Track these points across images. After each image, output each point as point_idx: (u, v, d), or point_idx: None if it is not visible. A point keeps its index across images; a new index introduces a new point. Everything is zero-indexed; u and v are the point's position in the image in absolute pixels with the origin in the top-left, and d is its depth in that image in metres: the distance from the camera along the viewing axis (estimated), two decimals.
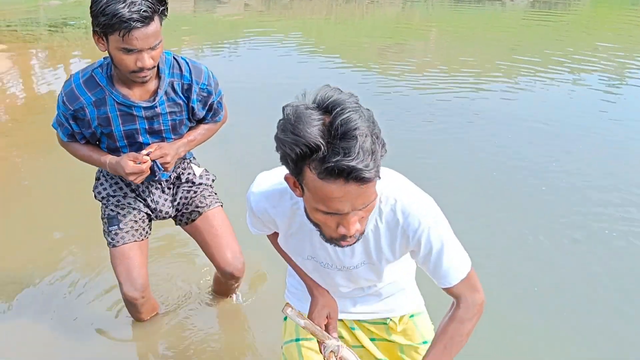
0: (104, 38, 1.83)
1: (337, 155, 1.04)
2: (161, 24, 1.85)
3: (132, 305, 2.35)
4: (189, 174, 2.31)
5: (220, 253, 2.33)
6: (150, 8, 1.77)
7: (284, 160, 1.12)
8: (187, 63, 2.06)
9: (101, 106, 1.98)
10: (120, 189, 2.26)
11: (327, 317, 1.58)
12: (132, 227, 2.27)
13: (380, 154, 1.09)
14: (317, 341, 1.55)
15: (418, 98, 5.94)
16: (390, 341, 1.71)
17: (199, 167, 2.37)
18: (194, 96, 2.07)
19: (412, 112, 5.41)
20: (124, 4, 1.75)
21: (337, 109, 1.05)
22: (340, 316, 1.65)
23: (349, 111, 1.05)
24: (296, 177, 1.15)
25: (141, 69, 1.84)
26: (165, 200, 2.30)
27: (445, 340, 1.44)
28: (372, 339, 1.72)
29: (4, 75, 6.85)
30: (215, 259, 2.35)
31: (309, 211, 1.21)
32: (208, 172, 2.42)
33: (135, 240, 2.28)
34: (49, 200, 3.65)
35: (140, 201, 2.28)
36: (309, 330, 1.54)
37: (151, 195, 2.26)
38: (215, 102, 2.16)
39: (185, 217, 2.35)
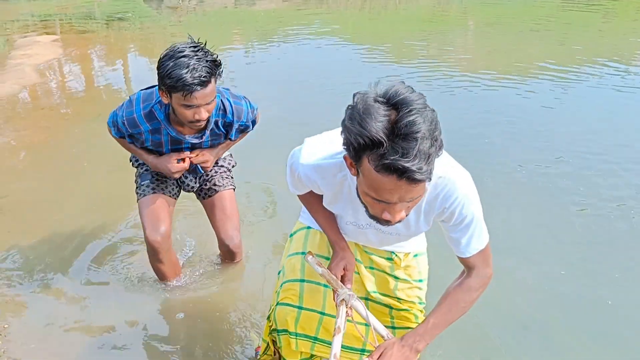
0: (168, 95, 2.13)
1: (395, 154, 1.13)
2: (216, 83, 2.16)
3: (154, 252, 2.52)
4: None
5: (224, 228, 2.64)
6: (208, 73, 2.06)
7: (347, 146, 1.22)
8: (231, 105, 2.38)
9: (156, 134, 2.34)
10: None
11: (344, 270, 1.72)
12: (160, 185, 2.57)
13: (436, 156, 1.19)
14: (332, 290, 1.69)
15: (482, 95, 5.80)
16: (388, 274, 1.83)
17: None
18: (233, 131, 2.45)
19: (472, 111, 5.24)
20: (186, 70, 2.02)
21: (405, 109, 1.13)
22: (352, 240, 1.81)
23: (415, 113, 1.12)
24: (354, 161, 1.25)
25: (198, 120, 2.17)
26: (194, 176, 2.63)
27: (451, 304, 1.58)
28: (370, 268, 1.84)
29: (54, 61, 7.61)
30: (219, 233, 2.65)
31: (360, 193, 1.31)
32: (232, 157, 2.77)
33: (163, 194, 2.55)
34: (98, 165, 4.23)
35: None
36: (325, 278, 1.70)
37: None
38: (251, 128, 2.55)
39: (204, 192, 2.66)
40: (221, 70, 2.17)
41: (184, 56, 2.05)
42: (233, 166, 2.77)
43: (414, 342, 1.53)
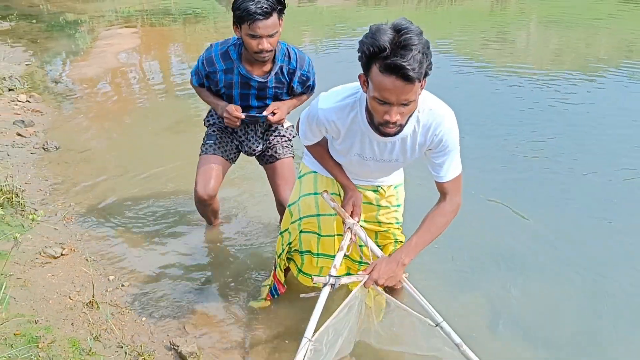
0: (239, 26, 2.46)
1: (395, 57, 1.51)
2: (280, 19, 2.44)
3: (199, 203, 2.87)
4: (280, 125, 2.94)
5: (282, 190, 2.90)
6: (270, 6, 2.37)
7: (361, 57, 1.61)
8: (296, 53, 2.67)
9: (229, 73, 2.63)
10: (217, 126, 2.92)
11: (353, 206, 2.14)
12: (223, 147, 2.89)
13: (426, 65, 1.55)
14: (342, 221, 2.12)
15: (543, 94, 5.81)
16: (373, 205, 2.23)
17: (287, 122, 2.94)
18: (295, 79, 2.71)
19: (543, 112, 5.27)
20: (252, 2, 2.35)
21: (404, 30, 1.52)
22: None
23: (412, 34, 1.52)
24: (366, 73, 1.63)
25: (261, 51, 2.45)
26: (256, 140, 2.90)
27: (429, 226, 1.92)
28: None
29: (132, 49, 8.57)
30: (278, 194, 2.93)
31: (369, 100, 1.67)
32: (293, 127, 3.00)
33: (221, 156, 2.86)
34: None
35: (235, 138, 2.91)
36: (336, 211, 2.14)
37: (246, 135, 2.90)
38: (311, 84, 2.82)
39: (266, 158, 2.96)
40: (284, 6, 2.46)
41: None
42: (293, 137, 3.00)
43: (400, 257, 1.89)
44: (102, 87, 6.45)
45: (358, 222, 2.13)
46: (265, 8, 2.37)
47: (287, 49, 2.67)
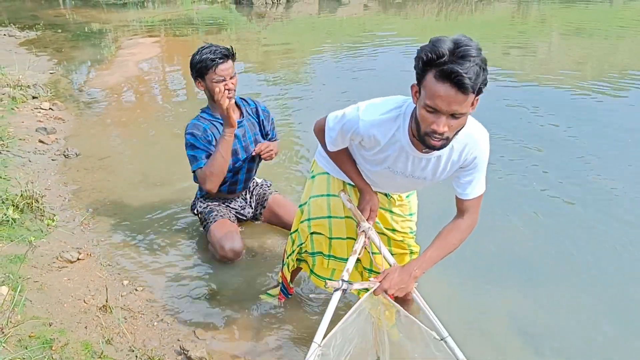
0: (202, 79, 2.86)
1: (452, 64, 1.51)
2: (233, 63, 2.87)
3: (228, 261, 2.98)
4: (255, 184, 3.36)
5: (286, 217, 3.21)
6: (224, 53, 2.81)
7: (417, 65, 1.60)
8: (246, 99, 3.11)
9: (214, 129, 2.93)
10: (213, 204, 3.19)
11: (370, 210, 2.13)
12: (226, 214, 3.16)
13: (482, 80, 1.55)
14: (356, 223, 2.12)
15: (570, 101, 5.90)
16: (385, 210, 2.24)
17: (258, 178, 3.40)
18: (262, 116, 3.11)
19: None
20: (209, 51, 2.80)
21: (464, 43, 1.53)
22: None
23: (471, 47, 1.52)
24: (419, 82, 1.62)
25: (229, 90, 2.82)
26: (245, 205, 3.28)
27: (445, 241, 1.92)
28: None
29: (154, 58, 8.73)
30: (284, 223, 3.22)
31: (419, 109, 1.65)
32: (266, 180, 3.45)
33: (230, 219, 3.13)
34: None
35: (230, 208, 3.23)
36: (352, 212, 2.13)
37: (235, 203, 3.26)
38: (272, 120, 3.20)
39: (259, 207, 3.32)
40: (235, 55, 2.90)
41: (204, 48, 2.85)
42: (269, 186, 3.42)
43: (413, 269, 1.88)
44: (123, 96, 6.57)
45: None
46: (222, 53, 2.83)
47: (240, 98, 3.10)
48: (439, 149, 1.71)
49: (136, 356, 2.24)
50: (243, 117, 3.06)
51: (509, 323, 2.61)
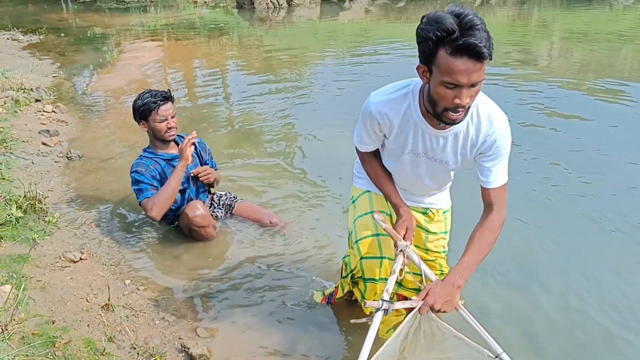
0: (146, 120, 3.18)
1: (465, 37, 1.51)
2: (173, 104, 3.21)
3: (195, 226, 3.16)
4: (218, 197, 3.55)
5: (261, 214, 3.48)
6: (165, 96, 3.16)
7: (424, 45, 1.60)
8: (183, 135, 3.32)
9: (156, 166, 3.22)
10: None
11: (406, 229, 2.05)
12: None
13: (491, 42, 1.55)
14: (394, 243, 2.03)
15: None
16: (422, 228, 2.21)
17: (221, 192, 3.60)
18: (198, 147, 3.38)
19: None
20: (150, 95, 3.14)
21: (464, 14, 1.53)
22: None
23: (472, 16, 1.53)
24: (428, 61, 1.62)
25: (170, 129, 3.19)
26: (214, 210, 3.49)
27: (479, 243, 1.86)
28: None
29: (156, 62, 8.77)
30: (261, 218, 3.46)
31: (434, 88, 1.65)
32: (229, 192, 3.62)
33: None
34: None
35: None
36: (388, 231, 2.04)
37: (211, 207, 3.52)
38: (209, 150, 3.52)
39: (231, 210, 3.53)
40: (173, 96, 3.29)
41: (145, 93, 3.20)
42: (234, 197, 3.60)
43: (454, 280, 1.81)
44: (126, 99, 6.61)
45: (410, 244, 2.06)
46: (162, 95, 3.20)
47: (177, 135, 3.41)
48: (458, 122, 1.72)
49: (138, 353, 2.27)
50: (196, 144, 3.30)
51: (510, 323, 2.61)
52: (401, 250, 1.98)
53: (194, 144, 3.17)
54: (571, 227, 3.46)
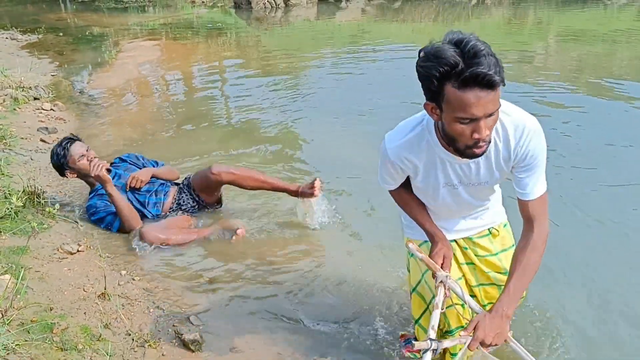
0: (72, 169, 3.46)
1: (471, 67, 1.39)
2: (82, 141, 3.54)
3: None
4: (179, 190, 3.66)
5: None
6: (68, 139, 3.49)
7: (427, 83, 1.49)
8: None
9: (100, 199, 3.46)
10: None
11: (443, 257, 1.88)
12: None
13: (500, 66, 1.43)
14: (431, 273, 1.87)
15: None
16: (492, 255, 2.03)
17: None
18: (127, 159, 3.72)
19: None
20: (57, 147, 3.46)
21: (465, 41, 1.41)
22: (456, 236, 2.01)
23: (475, 41, 1.41)
24: (436, 99, 1.50)
25: (90, 161, 3.38)
26: (181, 207, 3.58)
27: (524, 267, 1.72)
28: (468, 263, 2.04)
29: (153, 61, 8.84)
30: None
31: (448, 125, 1.54)
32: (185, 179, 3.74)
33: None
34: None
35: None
36: (425, 262, 1.89)
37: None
38: (139, 156, 3.78)
39: (194, 196, 3.61)
40: (78, 137, 3.61)
41: (53, 150, 3.52)
42: (188, 176, 3.72)
43: (502, 310, 1.68)
44: (124, 97, 6.71)
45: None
46: (67, 139, 3.52)
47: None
48: (483, 154, 1.60)
49: (133, 339, 2.35)
50: (111, 169, 3.56)
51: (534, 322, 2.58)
52: (441, 281, 1.82)
53: (109, 169, 3.41)
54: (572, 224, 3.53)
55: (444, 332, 2.05)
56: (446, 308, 1.86)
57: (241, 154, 4.73)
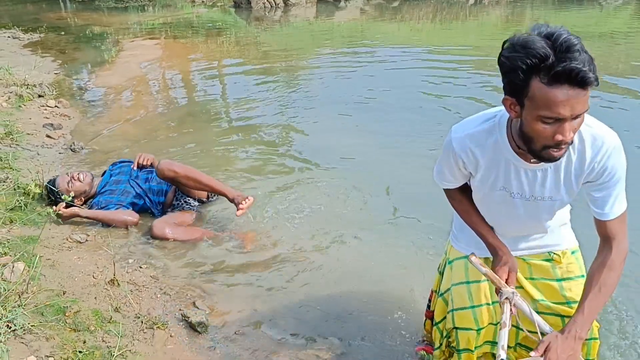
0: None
1: (564, 62, 1.26)
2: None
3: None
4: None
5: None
6: (48, 184, 3.59)
7: (511, 76, 1.35)
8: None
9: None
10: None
11: (508, 272, 1.74)
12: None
13: (594, 64, 1.29)
14: (495, 289, 1.74)
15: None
16: (550, 280, 1.86)
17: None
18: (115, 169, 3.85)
19: None
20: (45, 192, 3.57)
21: (556, 34, 1.29)
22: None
23: (567, 34, 1.28)
24: (518, 94, 1.37)
25: (79, 177, 3.59)
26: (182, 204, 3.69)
27: (600, 287, 1.59)
28: (531, 278, 1.87)
29: (154, 60, 8.96)
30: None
31: (529, 124, 1.39)
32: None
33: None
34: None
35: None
36: (489, 278, 1.75)
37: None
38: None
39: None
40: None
41: (46, 193, 3.61)
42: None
43: (576, 331, 1.57)
44: (125, 94, 6.82)
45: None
46: (48, 184, 3.63)
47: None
48: (559, 158, 1.46)
49: (142, 322, 2.47)
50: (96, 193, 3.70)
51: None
52: (507, 298, 1.69)
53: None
54: None
55: (451, 346, 2.02)
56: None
57: (240, 151, 4.84)
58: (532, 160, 1.57)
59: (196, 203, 3.70)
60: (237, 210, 3.39)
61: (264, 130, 5.38)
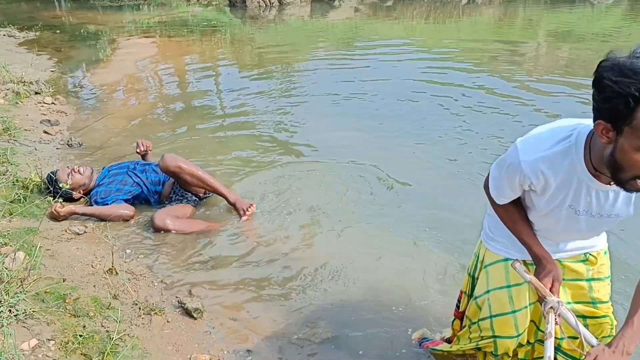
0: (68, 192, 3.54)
1: None
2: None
3: None
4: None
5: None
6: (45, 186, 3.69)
7: (617, 102, 1.23)
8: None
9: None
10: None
11: (552, 281, 1.70)
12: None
13: None
14: (539, 297, 1.70)
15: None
16: (581, 280, 1.84)
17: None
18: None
19: None
20: (49, 185, 3.66)
21: None
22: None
23: None
24: (618, 120, 1.26)
25: (79, 170, 3.72)
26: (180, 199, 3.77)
27: None
28: (562, 279, 1.80)
29: (150, 58, 9.04)
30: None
31: (626, 153, 1.29)
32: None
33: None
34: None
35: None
36: (533, 285, 1.71)
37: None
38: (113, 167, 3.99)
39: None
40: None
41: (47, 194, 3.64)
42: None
43: (623, 345, 1.52)
44: (121, 92, 6.89)
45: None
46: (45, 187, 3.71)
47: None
48: None
49: (140, 308, 2.55)
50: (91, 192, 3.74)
51: None
52: (551, 307, 1.65)
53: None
54: None
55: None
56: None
57: (236, 149, 4.90)
58: (610, 183, 1.49)
59: (194, 198, 3.78)
60: (242, 216, 3.53)
61: (257, 125, 5.47)
